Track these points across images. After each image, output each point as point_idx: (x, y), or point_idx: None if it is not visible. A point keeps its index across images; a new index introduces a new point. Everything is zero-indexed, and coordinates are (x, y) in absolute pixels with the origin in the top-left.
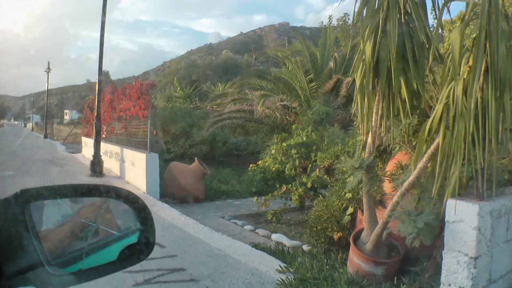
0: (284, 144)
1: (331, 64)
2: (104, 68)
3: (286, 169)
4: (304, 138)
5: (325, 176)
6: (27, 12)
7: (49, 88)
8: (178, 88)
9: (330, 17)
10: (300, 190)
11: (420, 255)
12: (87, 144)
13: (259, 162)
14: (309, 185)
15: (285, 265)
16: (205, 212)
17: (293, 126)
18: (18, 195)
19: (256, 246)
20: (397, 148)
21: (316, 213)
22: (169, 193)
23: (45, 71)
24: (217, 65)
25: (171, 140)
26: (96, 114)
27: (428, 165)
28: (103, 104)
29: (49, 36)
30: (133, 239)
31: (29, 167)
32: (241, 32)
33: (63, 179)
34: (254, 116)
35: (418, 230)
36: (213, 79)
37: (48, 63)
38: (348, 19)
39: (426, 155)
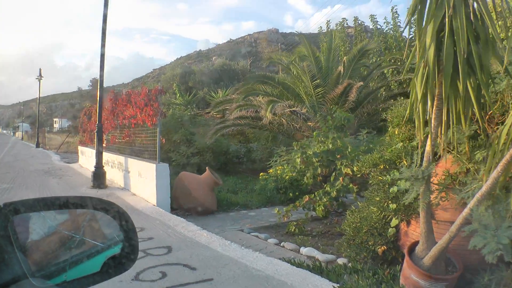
0: (310, 151)
1: (340, 68)
2: (93, 76)
3: (305, 177)
4: (330, 146)
5: (350, 185)
6: (15, 21)
7: (36, 96)
8: (178, 95)
9: (328, 22)
10: (325, 200)
11: (474, 267)
12: (84, 154)
13: (270, 170)
14: (333, 194)
15: (337, 284)
16: (221, 225)
17: (314, 133)
18: (1, 208)
19: (293, 263)
20: (443, 155)
21: (353, 225)
22: (180, 204)
23: (36, 79)
24: (213, 71)
25: (172, 149)
26: (97, 122)
27: (501, 174)
28: (104, 112)
29: (37, 44)
30: (116, 250)
31: (25, 179)
32: (230, 39)
33: (63, 191)
34: (260, 123)
35: (502, 246)
36: (209, 85)
37: (40, 70)
38: (347, 23)
39: (500, 164)
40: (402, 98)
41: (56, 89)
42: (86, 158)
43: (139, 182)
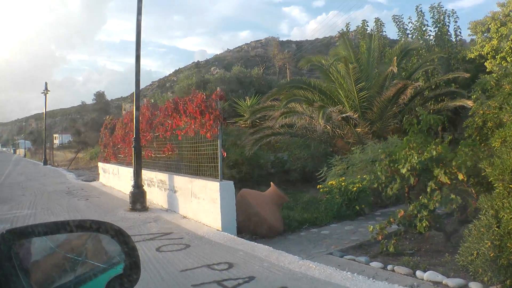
0: (415, 160)
1: (391, 69)
2: (92, 90)
3: (388, 189)
4: (434, 153)
5: (453, 196)
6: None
7: (36, 112)
8: None
9: (348, 25)
10: (425, 213)
11: None
12: (107, 171)
13: (332, 182)
14: (431, 207)
15: None
16: (303, 249)
17: (405, 139)
18: (4, 235)
19: None
20: None
21: (494, 243)
22: (244, 226)
23: (42, 93)
24: (229, 79)
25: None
26: (134, 136)
27: None
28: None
29: (35, 60)
30: (118, 270)
31: (47, 202)
32: (227, 49)
33: (100, 216)
34: (299, 131)
35: None
36: (228, 93)
37: (46, 83)
38: (367, 25)
39: None
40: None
41: (54, 105)
42: (110, 175)
43: (191, 203)
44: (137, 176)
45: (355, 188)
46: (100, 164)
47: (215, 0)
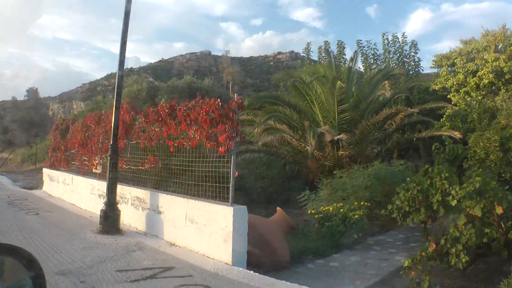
0: (457, 191)
1: (385, 92)
2: (20, 85)
3: (408, 219)
4: (477, 185)
5: (489, 230)
6: None
7: None
8: None
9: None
10: (460, 248)
11: None
12: (56, 179)
13: (329, 208)
14: (464, 240)
15: None
16: (328, 286)
17: (436, 168)
18: None
19: None
20: None
21: None
22: (252, 257)
23: None
24: (181, 88)
25: (167, 177)
26: (111, 142)
27: None
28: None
29: None
30: None
31: None
32: (162, 58)
33: (64, 240)
34: (284, 149)
35: None
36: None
37: None
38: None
39: None
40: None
41: None
42: (60, 185)
43: (185, 229)
44: (111, 191)
45: (356, 216)
46: (45, 170)
47: (154, 8)
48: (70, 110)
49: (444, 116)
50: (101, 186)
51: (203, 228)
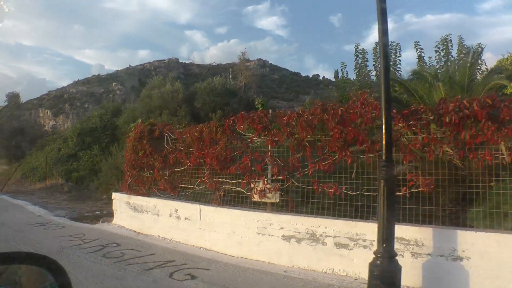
0: None
1: None
2: None
3: None
4: None
5: None
6: None
7: None
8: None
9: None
10: None
11: None
12: (143, 209)
13: None
14: None
15: None
16: None
17: None
18: None
19: None
20: None
21: None
22: None
23: None
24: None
25: None
26: (385, 157)
27: None
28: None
29: None
30: None
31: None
32: (129, 66)
33: None
34: None
35: None
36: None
37: None
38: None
39: None
40: None
41: None
42: (160, 218)
43: None
44: (388, 234)
45: None
46: (120, 196)
47: (118, 15)
48: (36, 118)
49: None
50: (283, 221)
51: None
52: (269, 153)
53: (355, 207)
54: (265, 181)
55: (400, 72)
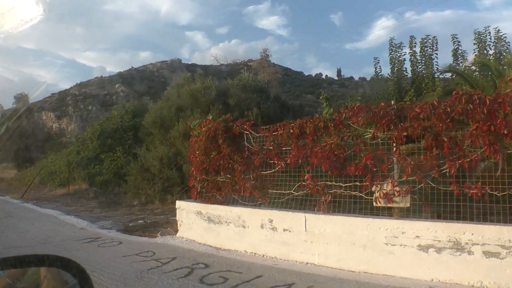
0: None
1: None
2: None
3: None
4: None
5: None
6: None
7: None
8: None
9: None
10: None
11: None
12: (219, 221)
13: None
14: None
15: None
16: None
17: None
18: None
19: None
20: None
21: None
22: None
23: None
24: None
25: None
26: None
27: None
28: None
29: None
30: None
31: None
32: (132, 67)
33: None
34: None
35: None
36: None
37: None
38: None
39: None
40: None
41: None
42: (248, 231)
43: None
44: None
45: None
46: (187, 205)
47: (119, 17)
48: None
49: None
50: (419, 229)
51: None
52: (398, 151)
53: (502, 209)
54: (393, 183)
55: (437, 66)
